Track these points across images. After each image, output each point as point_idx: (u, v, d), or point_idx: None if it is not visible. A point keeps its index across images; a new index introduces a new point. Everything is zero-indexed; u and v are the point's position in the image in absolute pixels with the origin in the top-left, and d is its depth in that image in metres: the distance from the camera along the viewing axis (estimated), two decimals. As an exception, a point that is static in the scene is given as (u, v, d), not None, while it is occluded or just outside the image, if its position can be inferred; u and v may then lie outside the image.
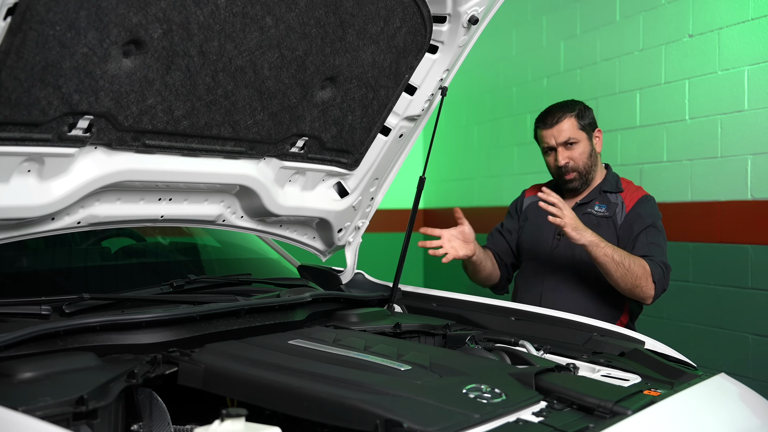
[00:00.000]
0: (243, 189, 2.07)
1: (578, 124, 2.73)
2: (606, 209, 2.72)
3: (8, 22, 1.36)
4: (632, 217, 2.67)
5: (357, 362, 1.62)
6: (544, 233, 2.81)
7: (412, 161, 3.55)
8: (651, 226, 2.65)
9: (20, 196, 1.62)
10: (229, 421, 1.18)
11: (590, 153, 2.75)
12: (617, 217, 2.69)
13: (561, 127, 2.72)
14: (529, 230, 2.89)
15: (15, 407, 1.22)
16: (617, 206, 2.72)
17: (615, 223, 2.69)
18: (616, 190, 2.77)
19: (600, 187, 2.79)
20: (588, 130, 2.76)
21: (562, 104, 2.80)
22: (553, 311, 2.32)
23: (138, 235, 2.70)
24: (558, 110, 2.76)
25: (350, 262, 2.61)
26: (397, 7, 1.98)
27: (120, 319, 1.70)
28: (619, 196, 2.76)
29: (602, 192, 2.78)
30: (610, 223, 2.69)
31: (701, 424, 1.60)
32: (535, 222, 2.86)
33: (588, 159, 2.75)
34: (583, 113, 2.76)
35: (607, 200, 2.75)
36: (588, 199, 2.78)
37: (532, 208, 2.91)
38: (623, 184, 2.80)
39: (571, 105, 2.78)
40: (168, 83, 1.68)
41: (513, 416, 1.39)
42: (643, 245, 2.61)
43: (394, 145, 2.36)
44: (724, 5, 3.61)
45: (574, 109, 2.76)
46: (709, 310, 3.70)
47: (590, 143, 2.76)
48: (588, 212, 2.74)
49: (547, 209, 2.50)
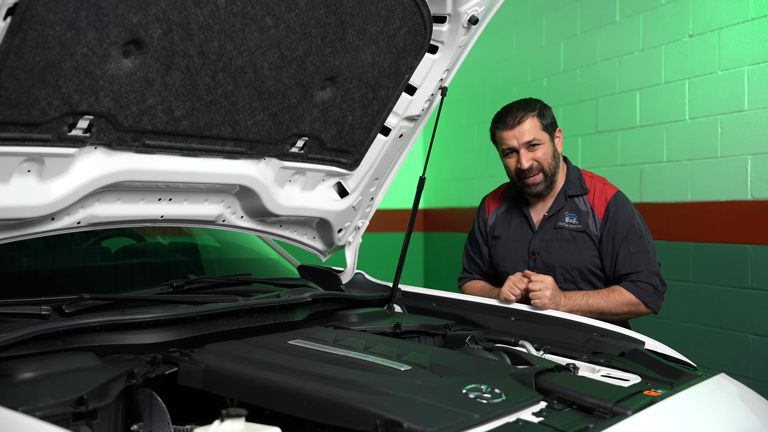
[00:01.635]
0: (243, 189, 2.07)
1: (540, 123, 2.57)
2: (577, 219, 2.57)
3: (8, 22, 1.36)
4: (608, 228, 2.53)
5: (357, 362, 1.62)
6: (517, 255, 2.67)
7: (412, 161, 3.55)
8: (630, 232, 2.52)
9: (20, 196, 1.62)
10: (229, 421, 1.18)
11: (553, 153, 2.60)
12: (591, 229, 2.55)
13: (523, 127, 2.55)
14: (501, 253, 2.73)
15: (15, 407, 1.22)
16: (588, 215, 2.57)
17: (591, 235, 2.55)
18: (582, 191, 2.61)
19: (564, 190, 2.63)
20: (550, 130, 2.60)
21: (522, 103, 2.62)
22: (553, 311, 2.32)
23: (138, 235, 2.70)
24: (519, 110, 2.58)
25: (350, 262, 2.60)
26: (397, 7, 1.98)
27: (120, 319, 1.70)
28: (586, 199, 2.60)
29: (568, 197, 2.62)
30: (585, 236, 2.56)
31: (701, 424, 1.60)
32: (506, 243, 2.72)
33: (552, 160, 2.59)
34: (543, 112, 2.60)
35: (576, 207, 2.60)
36: (555, 209, 2.62)
37: (498, 224, 2.76)
38: (587, 181, 2.64)
39: (531, 104, 2.61)
40: (168, 83, 1.68)
41: (513, 416, 1.39)
42: (625, 260, 2.50)
43: (394, 145, 2.36)
44: (724, 5, 3.61)
45: (534, 108, 2.59)
46: (709, 310, 3.70)
47: (552, 144, 2.60)
48: (559, 226, 2.60)
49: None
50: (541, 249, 2.62)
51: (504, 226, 2.75)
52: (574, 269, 2.57)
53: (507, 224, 2.74)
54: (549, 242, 2.61)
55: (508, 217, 2.76)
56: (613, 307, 2.46)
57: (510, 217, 2.75)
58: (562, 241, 2.59)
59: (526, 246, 2.66)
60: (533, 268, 2.61)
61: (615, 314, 2.48)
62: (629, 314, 2.51)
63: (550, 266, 2.59)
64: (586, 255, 2.56)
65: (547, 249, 2.61)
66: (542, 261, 2.61)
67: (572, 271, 2.57)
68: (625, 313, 2.49)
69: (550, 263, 2.60)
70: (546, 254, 2.61)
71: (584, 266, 2.56)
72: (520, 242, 2.68)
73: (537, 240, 2.64)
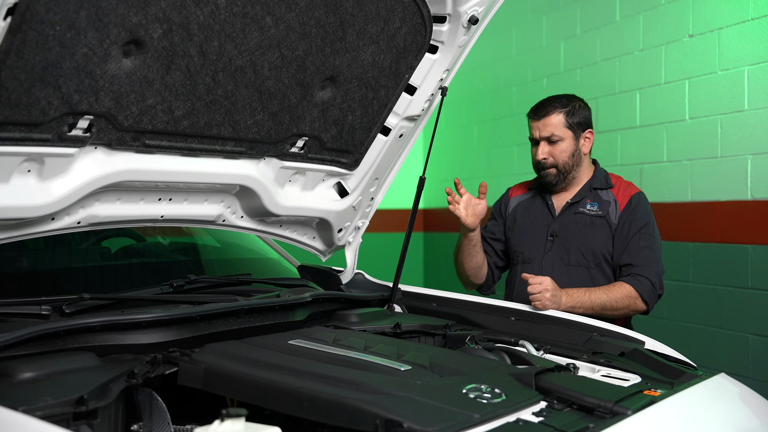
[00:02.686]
0: (243, 189, 2.07)
1: (566, 121, 2.65)
2: (598, 207, 2.66)
3: (8, 22, 1.36)
4: (627, 217, 2.61)
5: (357, 362, 1.62)
6: (536, 236, 2.76)
7: (412, 161, 3.55)
8: (644, 228, 2.60)
9: (20, 196, 1.62)
10: (229, 421, 1.18)
11: (573, 153, 2.67)
12: (611, 217, 2.63)
13: (547, 121, 2.66)
14: (519, 233, 2.82)
15: (15, 407, 1.22)
16: (610, 204, 2.66)
17: (609, 222, 2.63)
18: (606, 186, 2.71)
19: (590, 184, 2.72)
20: (576, 129, 2.67)
21: (558, 97, 2.73)
22: (553, 311, 2.32)
23: (138, 235, 2.70)
24: (550, 104, 2.69)
25: (350, 262, 2.60)
26: (397, 7, 1.98)
27: (120, 319, 1.70)
28: (611, 192, 2.69)
29: (592, 189, 2.71)
30: (604, 222, 2.64)
31: (701, 424, 1.60)
32: (525, 225, 2.81)
33: (569, 158, 2.67)
34: (575, 111, 2.67)
35: (599, 198, 2.69)
36: (578, 198, 2.71)
37: (520, 209, 2.85)
38: (613, 180, 2.74)
39: (565, 100, 2.70)
40: (168, 83, 1.68)
41: (513, 416, 1.39)
42: (634, 250, 2.57)
43: (394, 145, 2.36)
44: (724, 5, 3.61)
45: (567, 105, 2.68)
46: (709, 310, 3.70)
47: (575, 143, 2.67)
48: (580, 211, 2.69)
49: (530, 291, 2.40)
50: (560, 232, 2.70)
51: (525, 211, 2.84)
52: (589, 252, 2.63)
53: (529, 209, 2.84)
54: (568, 226, 2.70)
55: (530, 203, 2.86)
56: (614, 300, 2.49)
57: (532, 204, 2.85)
58: (580, 225, 2.67)
59: (546, 229, 2.74)
60: (549, 250, 2.70)
61: (615, 309, 2.50)
62: (627, 309, 2.53)
63: (567, 248, 2.67)
64: (602, 240, 2.62)
65: (565, 232, 2.69)
66: (560, 243, 2.68)
67: (587, 254, 2.63)
68: (624, 307, 2.51)
69: (566, 245, 2.67)
70: (564, 237, 2.68)
71: (599, 251, 2.63)
72: (540, 225, 2.76)
73: (557, 224, 2.73)
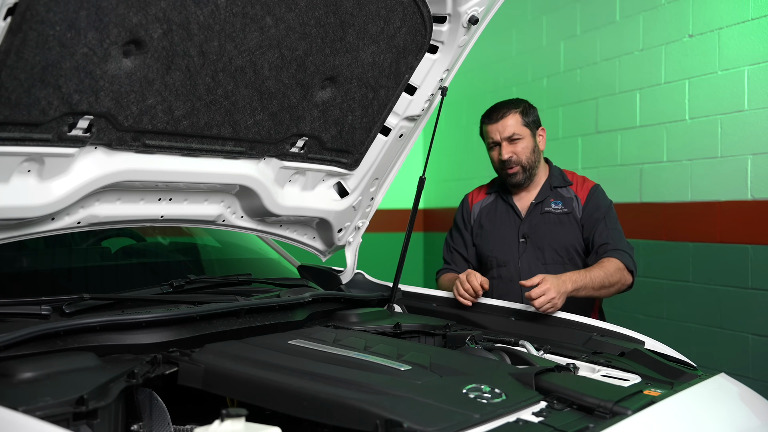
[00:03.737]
0: (243, 189, 2.07)
1: (522, 120, 2.78)
2: (563, 205, 2.78)
3: (8, 22, 1.36)
4: (590, 208, 2.75)
5: (357, 362, 1.62)
6: (507, 239, 2.81)
7: (412, 161, 3.55)
8: (608, 214, 2.74)
9: (20, 196, 1.62)
10: (229, 421, 1.18)
11: (533, 149, 2.80)
12: (576, 213, 2.76)
13: (506, 122, 2.77)
14: (488, 239, 2.85)
15: (15, 407, 1.22)
16: (572, 201, 2.79)
17: (575, 218, 2.75)
18: (565, 183, 2.83)
19: (549, 183, 2.83)
20: (532, 127, 2.81)
21: (508, 101, 2.85)
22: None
23: (138, 235, 2.70)
24: (503, 107, 2.82)
25: (350, 262, 2.61)
26: (397, 7, 1.98)
27: (120, 319, 1.70)
28: (570, 189, 2.82)
29: (553, 188, 2.82)
30: (570, 218, 2.75)
31: (701, 424, 1.60)
32: (493, 229, 2.85)
33: (531, 154, 2.79)
34: (527, 111, 2.82)
35: (561, 196, 2.81)
36: (542, 197, 2.81)
37: (484, 214, 2.91)
38: (569, 177, 2.86)
39: (516, 102, 2.84)
40: (168, 83, 1.68)
41: (513, 416, 1.39)
42: (603, 232, 2.69)
43: (394, 145, 2.36)
44: (724, 5, 3.61)
45: (519, 106, 2.81)
46: (709, 310, 3.70)
47: (533, 140, 2.80)
48: (546, 211, 2.79)
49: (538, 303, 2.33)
50: (530, 233, 2.78)
51: (490, 216, 2.90)
52: (562, 249, 2.74)
53: (493, 214, 2.90)
54: (537, 226, 2.78)
55: (493, 207, 2.92)
56: (609, 275, 2.52)
57: (495, 208, 2.91)
58: (549, 224, 2.77)
59: (516, 231, 2.81)
60: (524, 251, 2.76)
61: (611, 284, 2.53)
62: (619, 283, 2.56)
63: (540, 247, 2.75)
64: (573, 236, 2.74)
65: (536, 232, 2.77)
66: (533, 243, 2.76)
67: (560, 250, 2.74)
68: (617, 282, 2.55)
69: (539, 245, 2.75)
70: (535, 237, 2.77)
71: (571, 246, 2.74)
72: (508, 228, 2.83)
73: (526, 225, 2.80)
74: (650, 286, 3.95)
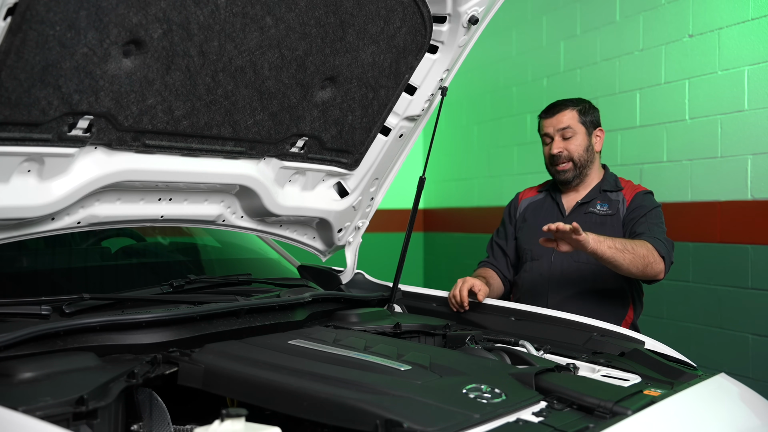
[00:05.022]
0: (243, 189, 2.07)
1: (579, 117, 2.76)
2: (608, 207, 2.72)
3: (8, 22, 1.36)
4: (634, 206, 2.69)
5: (357, 362, 1.61)
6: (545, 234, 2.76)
7: (412, 161, 3.55)
8: (651, 211, 2.66)
9: (20, 196, 1.62)
10: (229, 421, 1.18)
11: (587, 148, 2.77)
12: (620, 213, 2.70)
13: (561, 117, 2.76)
14: (528, 232, 2.84)
15: (15, 407, 1.22)
16: (619, 203, 2.73)
17: (619, 219, 2.69)
18: (616, 188, 2.78)
19: (599, 186, 2.79)
20: (588, 126, 2.78)
21: (569, 99, 2.85)
22: (553, 311, 2.32)
23: (138, 235, 2.70)
24: (562, 103, 2.81)
25: (350, 262, 2.60)
26: (397, 7, 1.98)
27: (120, 319, 1.70)
28: (620, 193, 2.76)
29: (602, 191, 2.78)
30: (614, 220, 2.69)
31: (701, 424, 1.60)
32: (534, 224, 2.83)
33: (584, 152, 2.76)
34: (586, 110, 2.79)
35: (608, 199, 2.76)
36: (588, 199, 2.77)
37: (530, 210, 2.91)
38: (622, 183, 2.81)
39: (576, 101, 2.83)
40: (168, 83, 1.68)
41: (513, 416, 1.39)
42: (642, 225, 2.61)
43: (394, 145, 2.36)
44: (724, 5, 3.61)
45: (578, 104, 2.80)
46: (709, 310, 3.70)
47: (588, 139, 2.77)
48: (590, 211, 2.75)
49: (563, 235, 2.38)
50: None
51: (535, 211, 2.88)
52: None
53: (539, 210, 2.88)
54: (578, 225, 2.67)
55: (540, 204, 2.90)
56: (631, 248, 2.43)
57: (542, 205, 2.89)
58: (590, 224, 2.66)
59: None
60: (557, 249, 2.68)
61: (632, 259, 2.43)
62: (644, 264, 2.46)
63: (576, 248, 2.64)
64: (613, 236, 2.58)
65: None
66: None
67: None
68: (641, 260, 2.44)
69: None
70: None
71: None
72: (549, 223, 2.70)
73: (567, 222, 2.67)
74: (650, 286, 3.95)
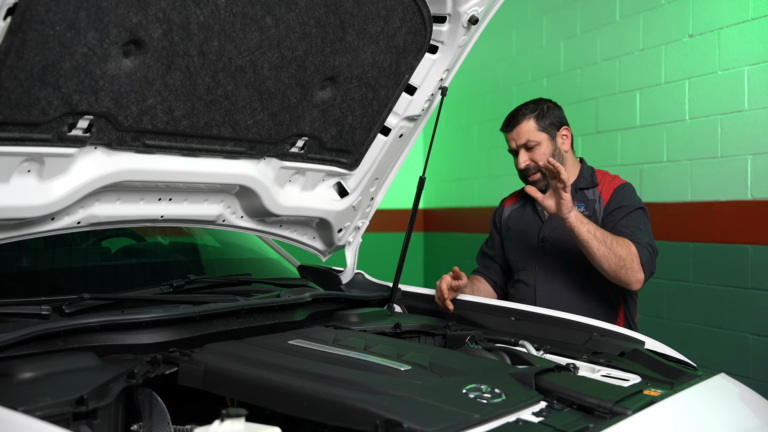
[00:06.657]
0: (243, 189, 2.07)
1: (537, 125, 2.67)
2: (585, 208, 2.64)
3: (8, 22, 1.36)
4: (614, 206, 2.61)
5: (357, 362, 1.61)
6: (528, 243, 2.75)
7: (412, 161, 3.55)
8: (632, 212, 2.57)
9: (20, 196, 1.62)
10: (229, 421, 1.18)
11: (552, 154, 2.67)
12: (597, 214, 2.63)
13: (519, 130, 2.68)
14: (512, 242, 2.82)
15: (15, 407, 1.22)
16: (595, 202, 2.66)
17: (597, 220, 2.61)
18: (592, 185, 2.70)
19: (575, 185, 2.70)
20: (550, 130, 2.68)
21: (525, 105, 2.74)
22: (553, 311, 2.32)
23: (138, 235, 2.70)
24: (518, 113, 2.71)
25: (350, 262, 2.60)
26: (397, 7, 1.98)
27: (120, 319, 1.70)
28: (596, 190, 2.69)
29: (578, 190, 2.70)
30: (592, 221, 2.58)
31: (701, 424, 1.60)
32: (517, 233, 2.81)
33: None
34: (544, 113, 2.69)
35: (585, 198, 2.68)
36: None
37: (512, 217, 2.87)
38: (598, 177, 2.73)
39: (533, 105, 2.72)
40: (168, 83, 1.68)
41: (513, 416, 1.39)
42: (624, 229, 2.52)
43: (394, 145, 2.36)
44: (724, 5, 3.61)
45: (535, 109, 2.69)
46: (709, 310, 3.70)
47: (553, 143, 2.68)
48: None
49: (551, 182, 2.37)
50: (550, 237, 2.70)
51: (517, 219, 2.86)
52: (581, 253, 2.54)
53: (520, 217, 2.86)
54: (557, 230, 2.68)
55: (521, 210, 2.87)
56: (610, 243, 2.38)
57: (523, 211, 2.86)
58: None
59: (536, 235, 2.74)
60: (542, 255, 2.70)
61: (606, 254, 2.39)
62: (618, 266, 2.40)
63: (559, 252, 2.66)
64: None
65: (555, 236, 2.68)
66: (552, 247, 2.68)
67: (580, 255, 2.55)
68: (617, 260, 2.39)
69: (559, 249, 2.66)
70: (555, 241, 2.68)
71: None
72: (530, 231, 2.77)
73: (546, 228, 2.73)
74: (650, 286, 3.93)
